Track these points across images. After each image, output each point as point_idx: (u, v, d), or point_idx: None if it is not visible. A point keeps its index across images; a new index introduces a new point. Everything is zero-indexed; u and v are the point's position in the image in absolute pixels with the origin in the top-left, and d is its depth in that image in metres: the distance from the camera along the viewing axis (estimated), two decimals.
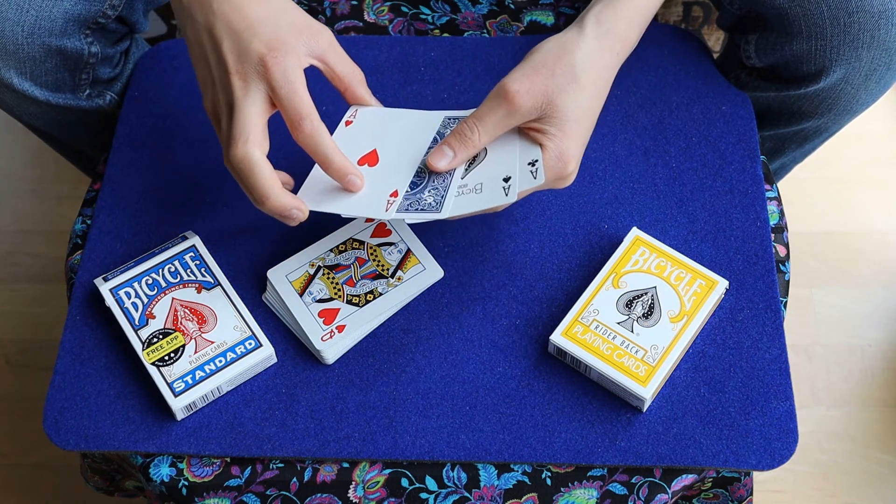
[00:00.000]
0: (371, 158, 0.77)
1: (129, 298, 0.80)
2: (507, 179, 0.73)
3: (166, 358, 0.78)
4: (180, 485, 0.77)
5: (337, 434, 0.77)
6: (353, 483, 0.76)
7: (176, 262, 0.82)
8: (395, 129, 0.78)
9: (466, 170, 0.75)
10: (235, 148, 0.71)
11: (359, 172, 0.74)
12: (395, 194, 0.74)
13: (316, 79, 0.77)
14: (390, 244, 0.83)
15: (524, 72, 0.73)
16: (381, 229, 0.84)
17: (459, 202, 0.73)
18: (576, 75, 0.73)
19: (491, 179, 0.74)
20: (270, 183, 0.71)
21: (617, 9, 0.75)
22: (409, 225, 0.84)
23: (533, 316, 0.81)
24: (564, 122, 0.73)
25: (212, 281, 0.81)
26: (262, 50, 0.71)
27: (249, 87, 0.71)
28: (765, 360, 0.78)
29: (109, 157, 0.90)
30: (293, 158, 0.81)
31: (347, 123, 0.78)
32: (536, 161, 0.73)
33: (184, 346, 0.78)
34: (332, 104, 0.86)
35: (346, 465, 0.77)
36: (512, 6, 0.99)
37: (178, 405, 0.76)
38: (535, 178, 0.73)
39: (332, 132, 0.76)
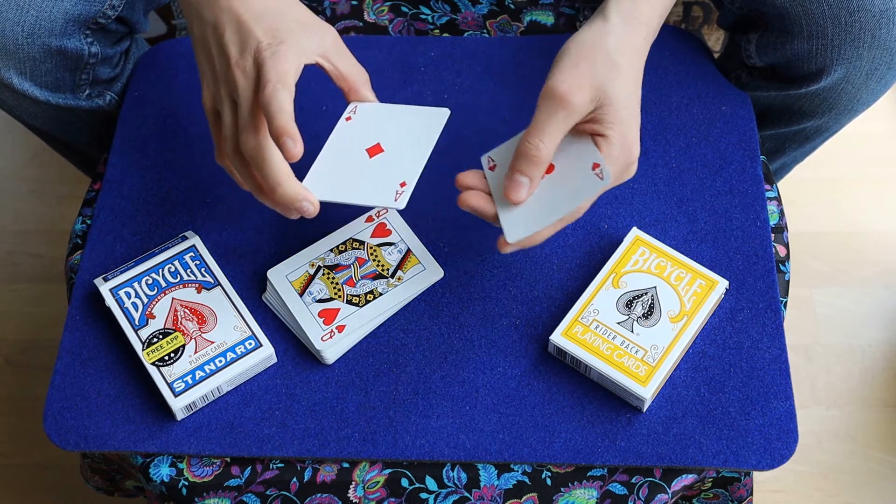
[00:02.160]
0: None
1: (129, 298, 0.80)
2: (595, 166, 0.72)
3: (166, 358, 0.78)
4: (180, 485, 0.76)
5: (337, 434, 0.77)
6: (353, 483, 0.76)
7: (176, 262, 0.82)
8: (396, 123, 0.78)
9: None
10: (247, 137, 0.71)
11: (297, 139, 0.69)
12: (403, 184, 0.73)
13: (316, 78, 0.77)
14: (390, 244, 0.83)
15: (566, 70, 0.71)
16: (382, 229, 0.84)
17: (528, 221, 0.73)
18: (614, 61, 0.71)
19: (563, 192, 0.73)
20: (284, 170, 0.71)
21: None
22: (409, 225, 0.84)
23: (533, 316, 0.81)
24: (619, 109, 0.71)
25: (212, 281, 0.81)
26: (261, 38, 0.71)
27: (250, 79, 0.71)
28: (765, 360, 0.78)
29: (109, 157, 0.90)
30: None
31: (347, 119, 0.78)
32: (599, 163, 0.71)
33: (184, 346, 0.78)
34: (332, 101, 0.86)
35: (346, 465, 0.77)
36: (512, 6, 0.99)
37: (178, 405, 0.76)
38: (602, 178, 0.71)
39: (331, 130, 0.76)
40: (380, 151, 0.76)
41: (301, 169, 0.76)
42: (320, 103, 0.74)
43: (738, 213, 0.85)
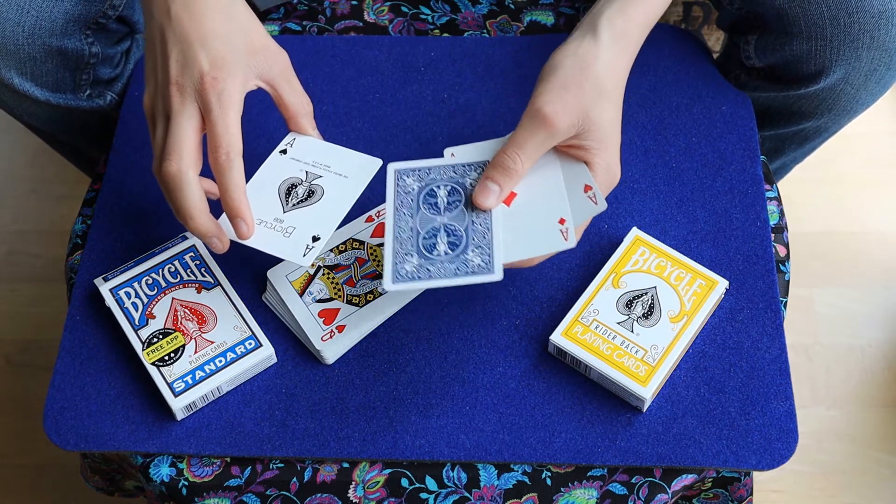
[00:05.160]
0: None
1: (129, 298, 0.80)
2: (562, 221, 0.71)
3: (166, 358, 0.78)
4: (180, 485, 0.77)
5: (337, 434, 0.77)
6: (353, 483, 0.76)
7: (176, 262, 0.82)
8: (326, 167, 0.78)
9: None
10: (169, 163, 0.70)
11: (250, 222, 0.73)
12: (315, 239, 0.73)
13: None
14: None
15: (553, 91, 0.71)
16: (382, 229, 0.84)
17: (509, 253, 0.70)
18: (602, 86, 0.72)
19: (542, 223, 0.71)
20: (197, 205, 0.71)
21: (628, 12, 0.74)
22: None
23: (533, 316, 0.81)
24: (604, 136, 0.72)
25: (212, 281, 0.81)
26: (204, 67, 0.71)
27: (185, 103, 0.71)
28: (765, 360, 0.78)
29: (109, 157, 0.90)
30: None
31: (282, 152, 0.78)
32: (591, 187, 0.71)
33: (184, 346, 0.78)
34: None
35: (346, 465, 0.77)
36: (512, 6, 0.99)
37: (178, 405, 0.76)
38: (595, 203, 0.71)
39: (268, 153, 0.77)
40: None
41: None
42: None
43: (738, 213, 0.85)
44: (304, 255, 0.73)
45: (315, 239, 0.73)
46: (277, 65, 0.75)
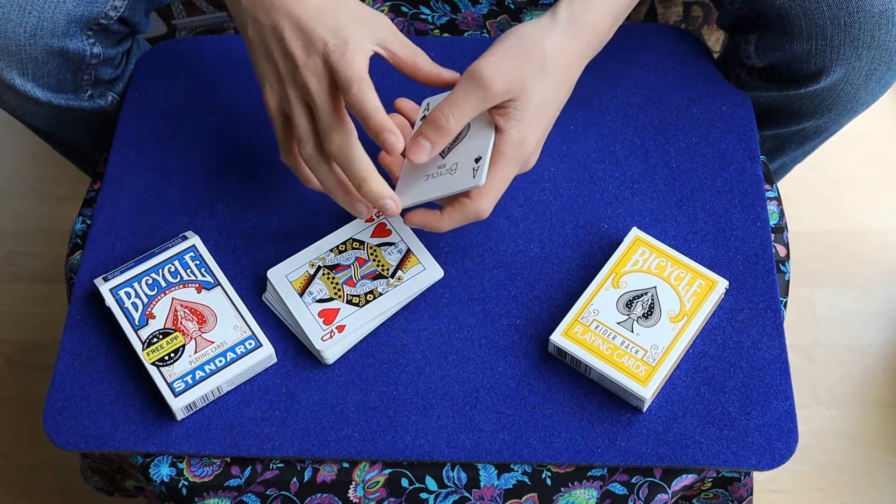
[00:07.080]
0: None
1: (129, 298, 0.80)
2: (477, 160, 0.74)
3: (166, 358, 0.78)
4: (180, 485, 0.77)
5: (337, 434, 0.77)
6: (353, 483, 0.76)
7: (176, 262, 0.82)
8: None
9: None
10: (332, 136, 0.72)
11: (395, 130, 0.72)
12: (478, 160, 0.74)
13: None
14: (390, 244, 0.83)
15: (497, 55, 0.73)
16: (382, 229, 0.84)
17: (422, 190, 0.75)
18: (545, 63, 0.73)
19: (461, 164, 0.75)
20: (370, 167, 0.72)
21: (591, 0, 0.75)
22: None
23: (533, 316, 0.81)
24: (529, 109, 0.73)
25: (212, 281, 0.81)
26: (325, 38, 0.72)
27: (322, 79, 0.72)
28: (765, 360, 0.78)
29: (109, 157, 0.90)
30: None
31: (423, 119, 0.79)
32: (481, 157, 0.74)
33: (184, 346, 0.78)
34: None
35: (346, 465, 0.77)
36: (512, 6, 0.99)
37: (178, 405, 0.76)
38: (473, 178, 0.73)
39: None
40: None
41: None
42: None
43: (738, 213, 0.85)
44: (475, 176, 0.74)
45: (477, 159, 0.74)
46: (385, 27, 0.76)
